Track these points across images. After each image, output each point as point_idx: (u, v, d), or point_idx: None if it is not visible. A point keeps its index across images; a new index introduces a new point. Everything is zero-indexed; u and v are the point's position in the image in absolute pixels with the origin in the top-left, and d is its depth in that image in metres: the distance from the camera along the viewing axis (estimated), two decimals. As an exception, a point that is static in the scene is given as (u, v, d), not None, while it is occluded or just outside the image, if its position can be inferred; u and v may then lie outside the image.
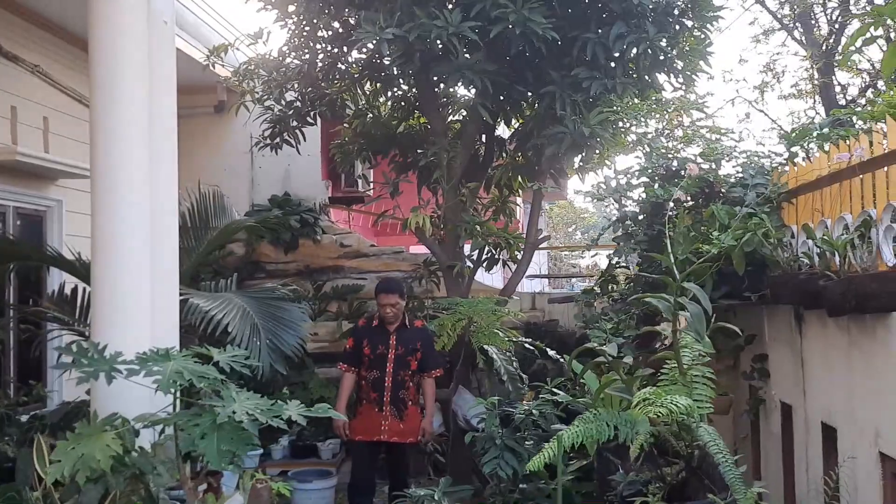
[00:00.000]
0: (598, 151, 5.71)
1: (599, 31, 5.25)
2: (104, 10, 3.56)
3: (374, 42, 5.11)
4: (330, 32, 6.27)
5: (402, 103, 6.83)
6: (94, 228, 3.59)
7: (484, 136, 6.59)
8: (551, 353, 6.19)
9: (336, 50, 6.35)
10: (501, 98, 6.02)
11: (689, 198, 4.43)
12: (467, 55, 5.29)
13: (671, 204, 4.03)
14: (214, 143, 8.53)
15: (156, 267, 3.73)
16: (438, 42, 5.11)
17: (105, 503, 3.07)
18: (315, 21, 6.07)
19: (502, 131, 6.84)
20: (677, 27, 5.51)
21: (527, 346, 6.14)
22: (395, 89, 6.75)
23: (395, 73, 6.35)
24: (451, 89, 6.37)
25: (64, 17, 6.19)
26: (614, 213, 5.39)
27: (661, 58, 5.40)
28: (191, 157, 8.50)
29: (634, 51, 5.32)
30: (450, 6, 5.27)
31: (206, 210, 5.49)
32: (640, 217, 4.84)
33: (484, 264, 6.29)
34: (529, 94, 5.95)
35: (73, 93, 6.59)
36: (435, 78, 5.91)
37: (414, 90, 6.62)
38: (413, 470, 6.46)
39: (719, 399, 4.31)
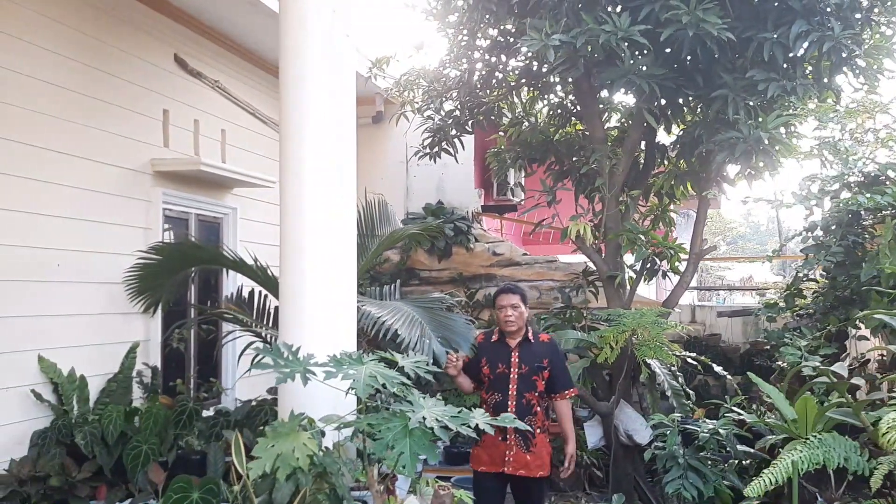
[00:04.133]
0: (772, 157, 5.40)
1: (778, 30, 4.99)
2: (291, 31, 3.73)
3: (539, 49, 5.08)
4: (488, 42, 6.32)
5: (559, 111, 6.78)
6: (283, 238, 3.77)
7: (644, 143, 6.42)
8: (717, 368, 5.90)
9: (494, 59, 6.39)
10: (664, 103, 5.84)
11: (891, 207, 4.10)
12: (631, 60, 5.15)
13: (862, 213, 3.74)
14: (372, 152, 8.78)
15: (337, 274, 3.84)
16: (603, 47, 5.01)
17: (296, 500, 3.18)
18: (474, 30, 6.13)
19: (661, 137, 6.63)
20: (861, 23, 5.16)
21: (688, 360, 5.89)
22: (552, 96, 6.70)
23: (553, 80, 6.30)
24: (613, 95, 6.24)
25: (244, 33, 6.56)
26: (766, 223, 5.08)
27: (844, 55, 5.07)
28: (350, 166, 8.82)
29: (815, 51, 5.01)
30: (617, 10, 5.16)
31: (373, 218, 5.63)
32: (833, 227, 4.51)
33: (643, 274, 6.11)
34: (693, 98, 5.74)
35: (248, 106, 6.97)
36: (597, 84, 5.82)
37: (571, 97, 6.55)
38: (568, 483, 6.36)
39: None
